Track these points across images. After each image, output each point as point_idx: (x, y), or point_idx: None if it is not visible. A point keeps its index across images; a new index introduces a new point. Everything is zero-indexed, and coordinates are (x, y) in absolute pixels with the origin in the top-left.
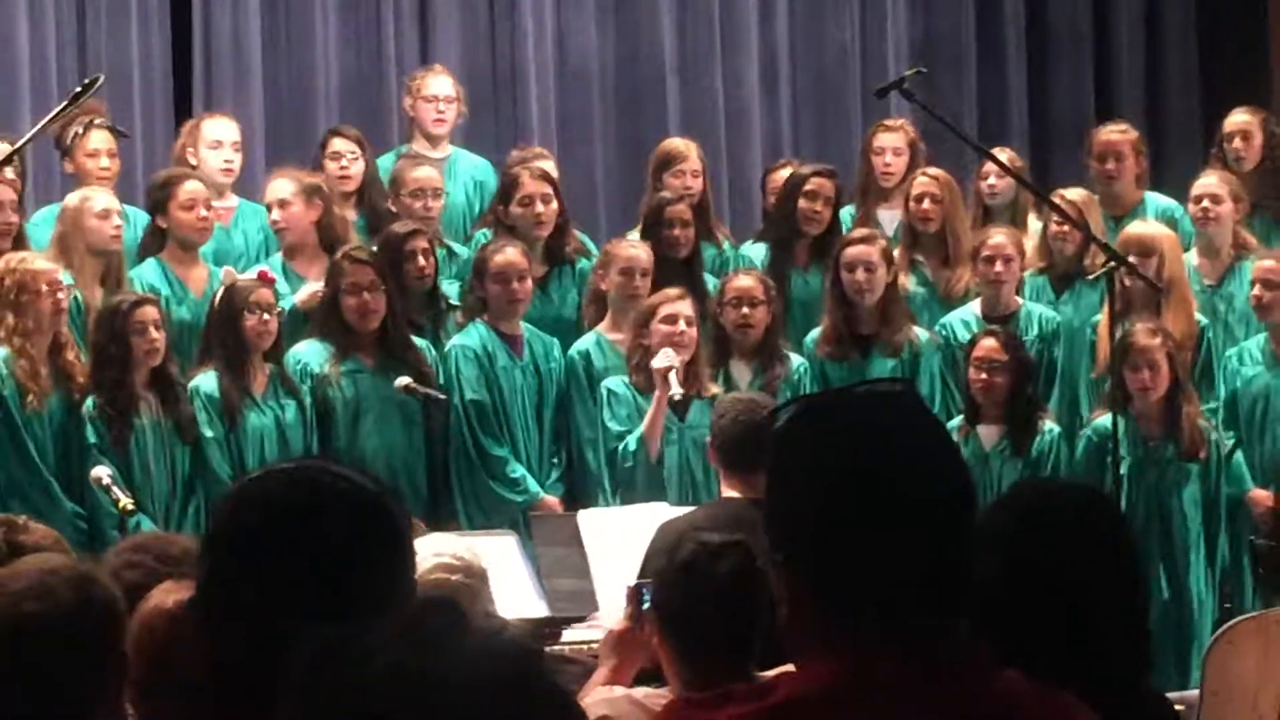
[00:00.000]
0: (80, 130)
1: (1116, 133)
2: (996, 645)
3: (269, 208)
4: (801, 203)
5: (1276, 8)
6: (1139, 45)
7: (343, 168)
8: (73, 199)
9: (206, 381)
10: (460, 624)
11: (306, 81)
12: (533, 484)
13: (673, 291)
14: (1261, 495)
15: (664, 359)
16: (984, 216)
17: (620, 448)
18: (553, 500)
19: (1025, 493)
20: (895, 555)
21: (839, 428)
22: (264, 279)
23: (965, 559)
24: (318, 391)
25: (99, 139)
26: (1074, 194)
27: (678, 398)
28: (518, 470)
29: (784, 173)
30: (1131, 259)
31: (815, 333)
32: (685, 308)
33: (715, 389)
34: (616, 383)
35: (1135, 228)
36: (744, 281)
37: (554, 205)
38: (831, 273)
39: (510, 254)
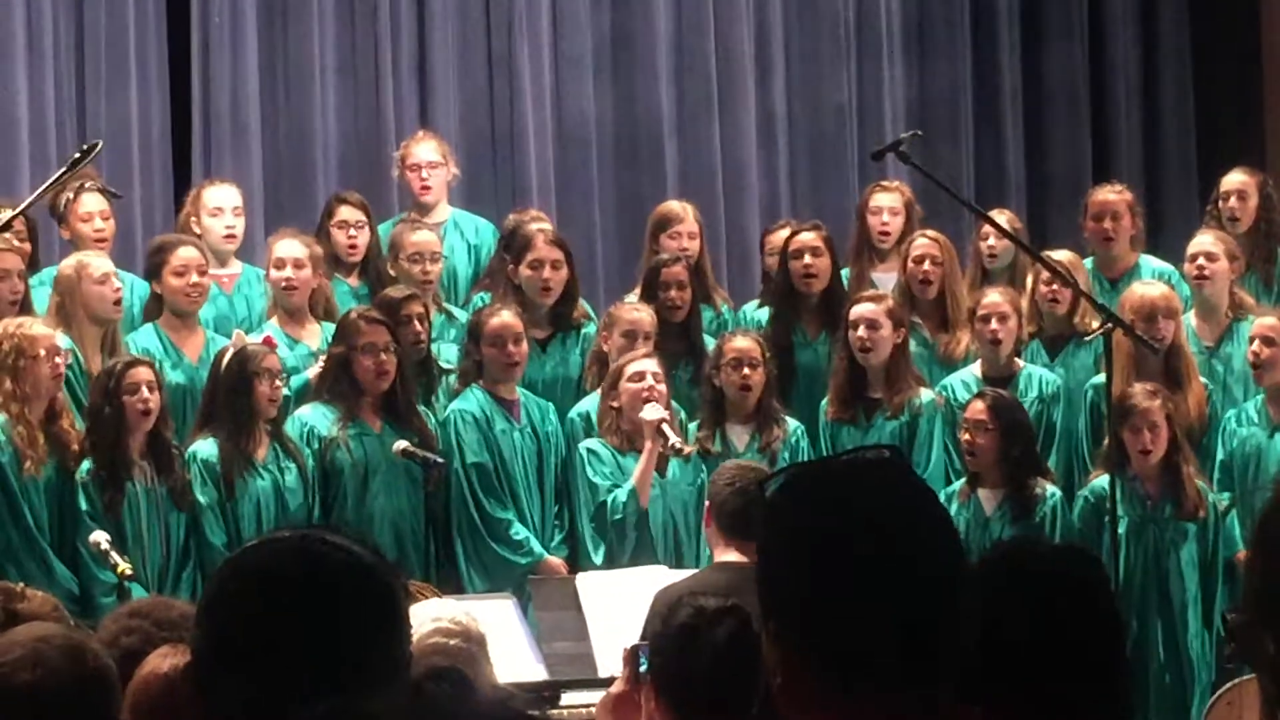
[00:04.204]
0: (72, 195)
1: (1113, 193)
2: (980, 704)
3: (279, 264)
4: (792, 263)
5: (1272, 71)
6: (1136, 108)
7: (351, 237)
8: (68, 266)
9: (205, 448)
10: (464, 691)
11: (305, 145)
12: (537, 545)
13: (639, 351)
14: (1244, 557)
15: (653, 411)
16: (983, 278)
17: (610, 500)
18: (557, 561)
19: (1003, 551)
20: (883, 622)
21: (824, 497)
22: (269, 345)
23: (954, 624)
24: (325, 455)
25: (92, 202)
26: (1061, 255)
27: (680, 447)
28: (521, 532)
29: (782, 234)
30: (1160, 320)
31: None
32: (652, 365)
33: (690, 448)
34: (595, 443)
35: (1154, 289)
36: (742, 343)
37: (563, 272)
38: (841, 334)
39: (505, 317)
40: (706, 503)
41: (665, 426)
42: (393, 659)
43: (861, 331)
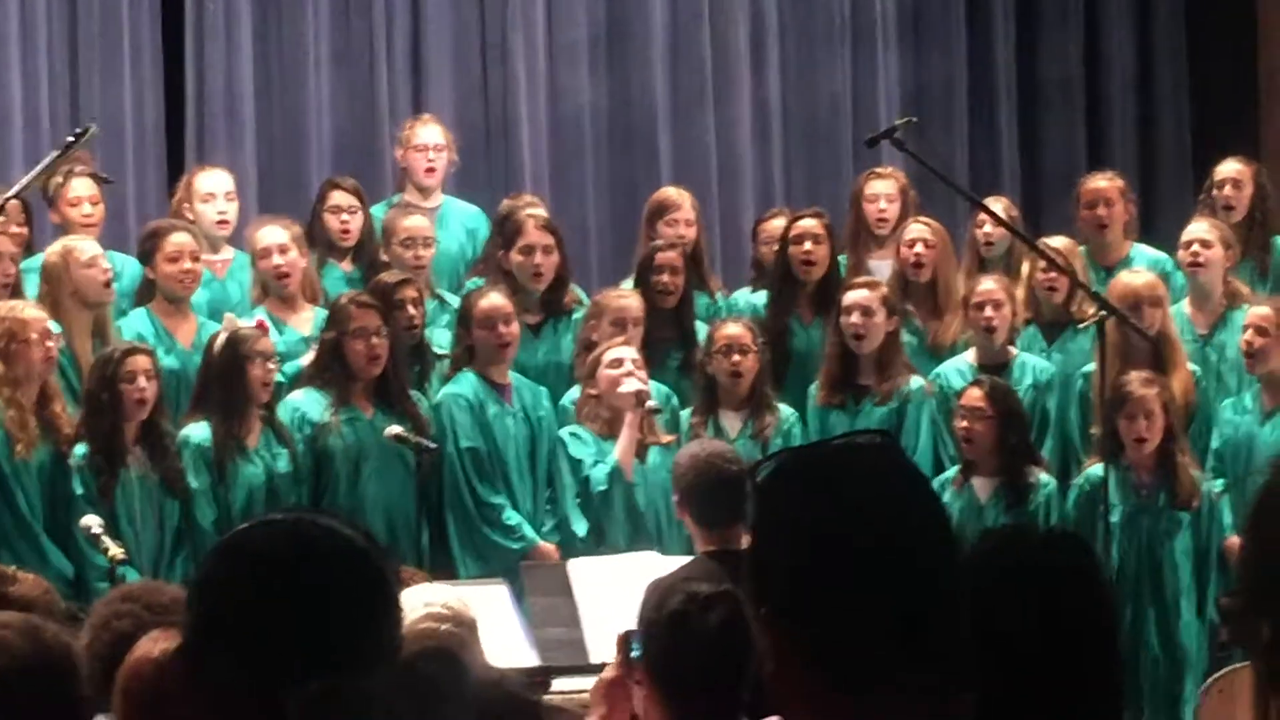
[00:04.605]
0: (62, 179)
1: (1104, 180)
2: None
3: (265, 253)
4: (792, 249)
5: (1267, 60)
6: (1130, 97)
7: (344, 222)
8: (54, 253)
9: (198, 431)
10: (457, 673)
11: (299, 132)
12: (529, 531)
13: (616, 339)
14: (1234, 542)
15: (633, 384)
16: (979, 266)
17: (592, 474)
18: (549, 547)
19: (993, 540)
20: (876, 610)
21: (815, 483)
22: (261, 328)
23: (947, 611)
24: (317, 441)
25: (81, 186)
26: (1057, 242)
27: (656, 408)
28: (514, 517)
29: (776, 222)
30: (1144, 310)
31: (818, 381)
32: (630, 352)
33: (668, 438)
34: (575, 428)
35: (1139, 278)
36: (733, 329)
37: (554, 257)
38: (833, 319)
39: (494, 299)
40: (675, 497)
41: (647, 398)
42: (384, 642)
43: (855, 318)
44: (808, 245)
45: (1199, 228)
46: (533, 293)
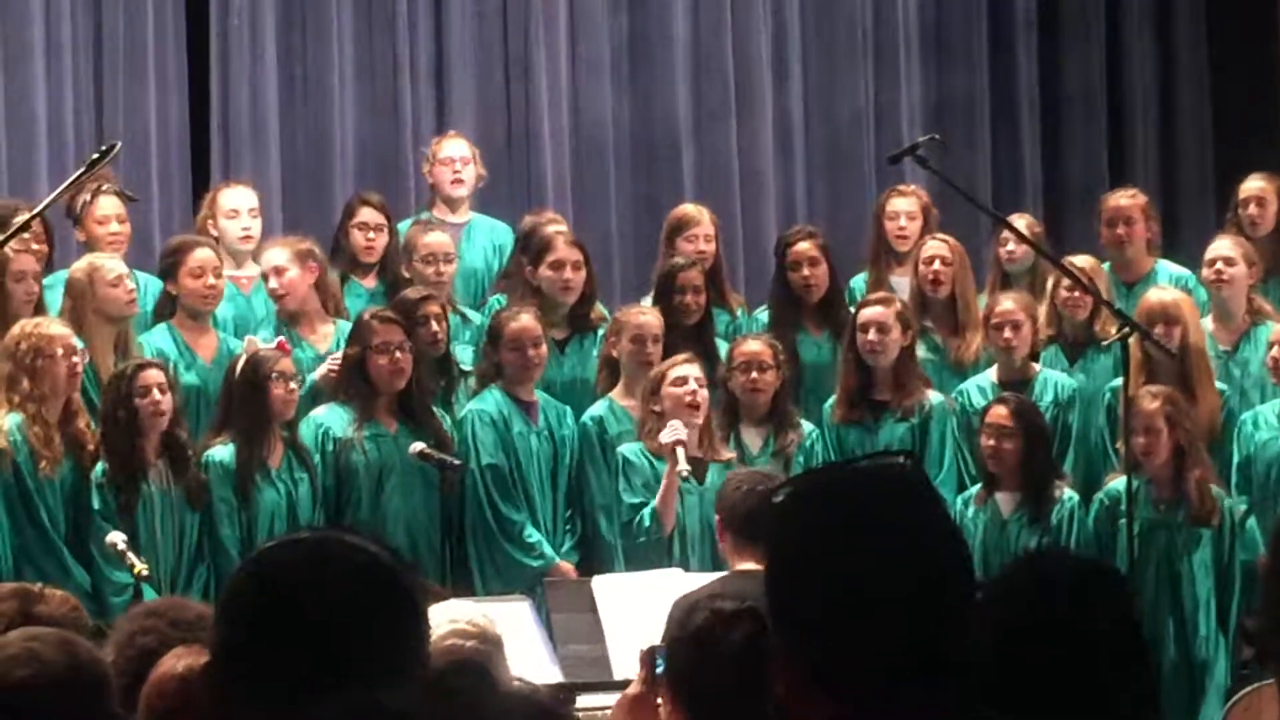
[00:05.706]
0: (89, 197)
1: (1126, 197)
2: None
3: (264, 276)
4: (790, 275)
5: None
6: (1152, 111)
7: (370, 239)
8: (79, 270)
9: (222, 453)
10: (488, 685)
11: (323, 148)
12: (549, 549)
13: (679, 356)
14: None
15: (671, 433)
16: (1003, 282)
17: (635, 520)
18: (568, 566)
19: (1029, 565)
20: (891, 634)
21: (835, 508)
22: (282, 349)
23: (963, 636)
24: (340, 456)
25: (108, 205)
26: (1082, 261)
27: (685, 474)
28: (534, 535)
29: (801, 245)
30: (1158, 328)
31: (833, 398)
32: (694, 369)
33: (729, 454)
34: (632, 450)
35: (1157, 295)
36: (752, 346)
37: (583, 273)
38: (847, 336)
39: (525, 320)
40: (717, 517)
41: (680, 450)
42: (410, 658)
43: (871, 335)
44: (805, 270)
45: (1222, 245)
46: (561, 307)
